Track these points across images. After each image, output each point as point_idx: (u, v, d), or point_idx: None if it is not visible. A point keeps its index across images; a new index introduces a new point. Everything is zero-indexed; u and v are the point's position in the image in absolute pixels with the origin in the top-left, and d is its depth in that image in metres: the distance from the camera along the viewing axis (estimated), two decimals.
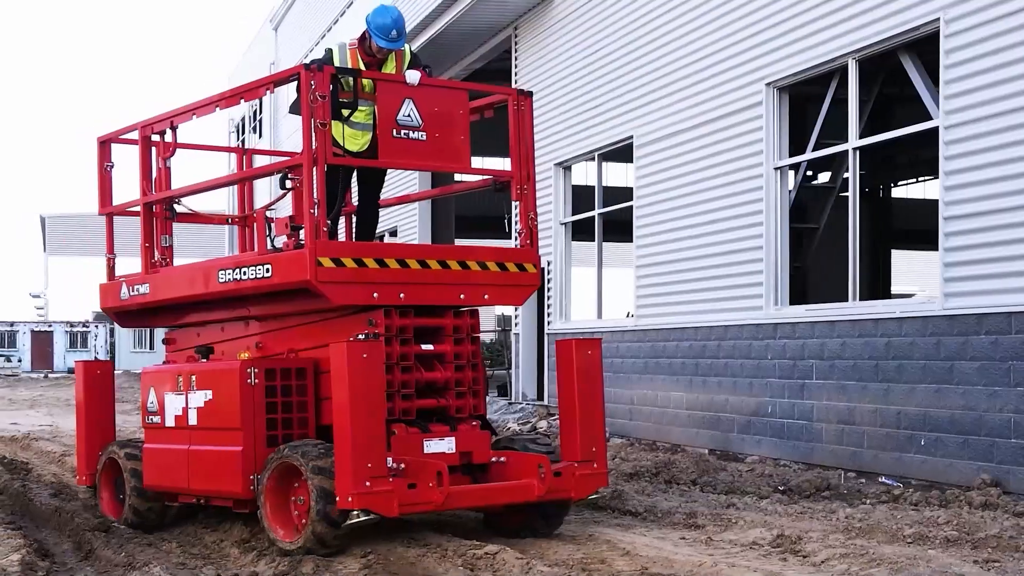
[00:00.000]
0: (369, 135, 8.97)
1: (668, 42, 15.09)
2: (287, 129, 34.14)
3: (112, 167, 10.33)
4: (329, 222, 8.45)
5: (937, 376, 10.55)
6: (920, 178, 27.26)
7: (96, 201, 10.45)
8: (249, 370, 8.40)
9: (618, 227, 17.82)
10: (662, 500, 10.19)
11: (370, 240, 9.56)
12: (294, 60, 31.15)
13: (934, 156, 10.83)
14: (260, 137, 38.45)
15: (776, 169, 13.03)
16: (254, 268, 8.52)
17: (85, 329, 64.81)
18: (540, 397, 19.23)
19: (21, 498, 10.25)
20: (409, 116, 8.51)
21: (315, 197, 7.97)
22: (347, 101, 8.61)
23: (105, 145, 10.28)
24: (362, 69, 8.83)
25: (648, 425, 15.47)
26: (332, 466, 7.65)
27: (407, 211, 25.35)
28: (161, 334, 11.60)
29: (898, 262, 28.27)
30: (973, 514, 8.78)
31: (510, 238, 20.24)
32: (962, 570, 6.79)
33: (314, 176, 7.98)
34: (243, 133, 41.90)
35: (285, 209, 9.12)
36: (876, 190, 25.89)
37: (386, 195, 10.58)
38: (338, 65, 8.81)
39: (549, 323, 18.79)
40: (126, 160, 10.31)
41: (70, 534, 8.84)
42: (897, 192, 28.01)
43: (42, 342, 62.83)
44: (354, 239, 9.70)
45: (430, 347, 8.53)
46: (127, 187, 10.33)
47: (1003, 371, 9.89)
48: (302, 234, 8.17)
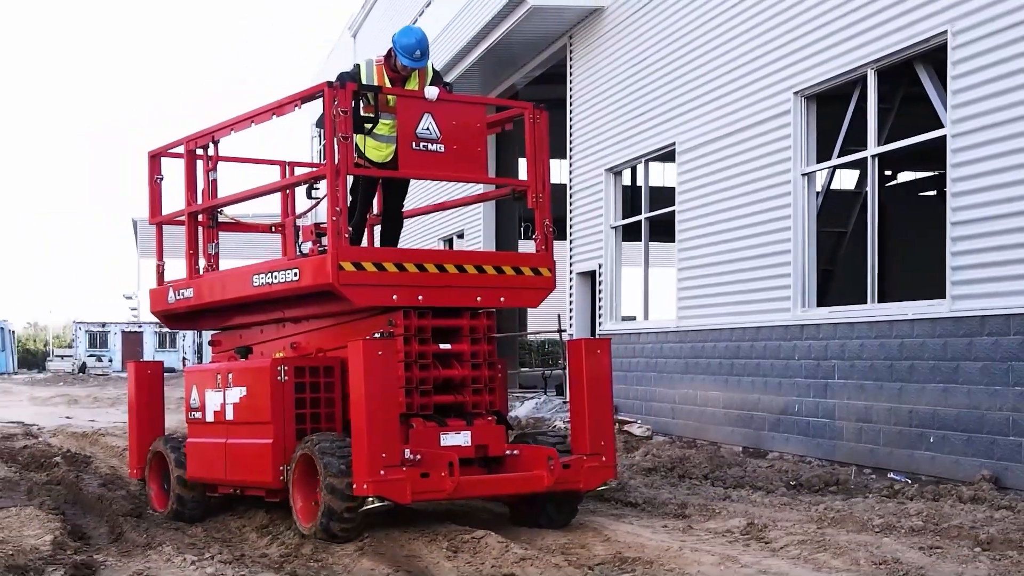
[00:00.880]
0: (392, 147, 9.47)
1: (706, 52, 15.55)
2: None
3: (162, 179, 10.94)
4: (351, 228, 9.02)
5: (944, 376, 10.90)
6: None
7: (148, 211, 11.12)
8: (279, 368, 8.97)
9: (661, 227, 18.20)
10: (665, 493, 10.61)
11: (394, 246, 10.09)
12: None
13: None
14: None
15: (803, 175, 13.43)
16: (283, 272, 9.16)
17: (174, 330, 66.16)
18: None
19: (73, 487, 11.01)
20: (428, 129, 9.04)
21: (337, 206, 8.56)
22: (369, 116, 9.16)
23: (155, 159, 10.93)
24: (382, 86, 9.38)
25: (688, 423, 15.91)
26: (341, 457, 8.20)
27: (472, 215, 26.02)
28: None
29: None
30: (955, 507, 9.11)
31: (565, 238, 20.83)
32: (904, 555, 7.16)
33: (336, 186, 8.57)
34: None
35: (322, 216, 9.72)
36: (939, 191, 25.84)
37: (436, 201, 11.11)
38: (364, 79, 9.40)
39: (600, 324, 19.29)
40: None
41: (107, 519, 9.50)
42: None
43: (132, 342, 63.94)
44: (378, 245, 10.28)
45: (448, 346, 9.04)
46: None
47: (1003, 371, 10.23)
48: (325, 240, 8.78)
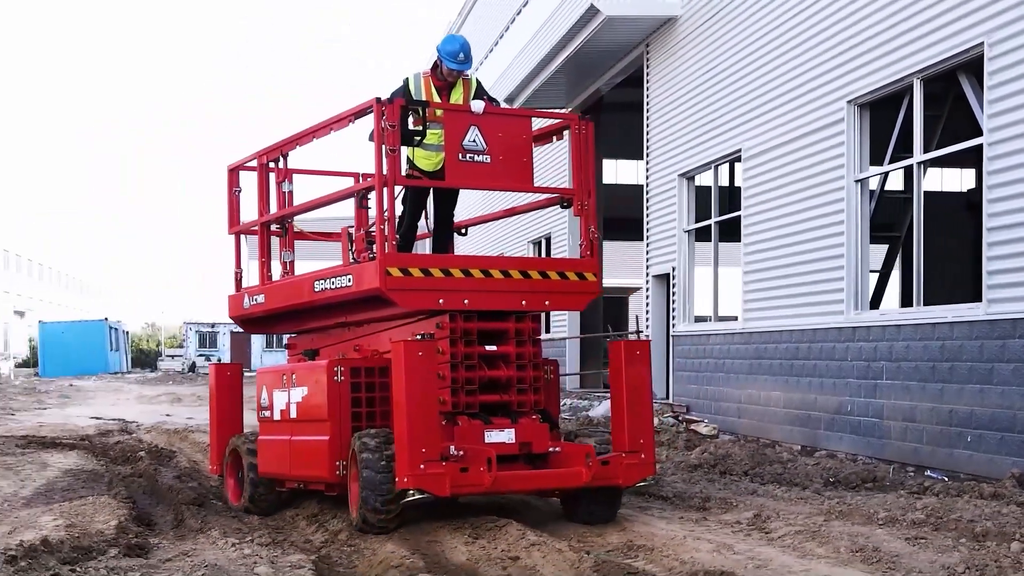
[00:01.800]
0: (442, 155, 9.90)
1: (768, 62, 15.96)
2: None
3: (240, 192, 11.54)
4: (400, 236, 9.64)
5: (981, 377, 11.20)
6: None
7: (227, 221, 11.76)
8: (336, 368, 9.57)
9: (728, 228, 18.54)
10: (697, 488, 11.00)
11: (445, 252, 10.57)
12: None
13: None
14: None
15: (856, 181, 13.78)
16: (339, 279, 9.78)
17: None
18: (667, 396, 20.17)
19: (151, 479, 11.82)
20: (474, 141, 9.56)
21: (385, 215, 9.12)
22: (417, 129, 9.69)
23: (234, 172, 11.58)
24: (430, 101, 9.93)
25: (753, 423, 16.31)
26: (381, 452, 8.72)
27: (558, 219, 26.60)
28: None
29: None
30: (968, 503, 9.38)
31: (642, 239, 21.32)
32: (887, 544, 7.54)
33: (384, 196, 9.14)
34: None
35: None
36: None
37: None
38: (413, 91, 9.99)
39: (674, 325, 19.75)
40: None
41: (172, 508, 10.22)
42: None
43: (240, 342, 65.36)
44: (431, 251, 10.77)
45: (493, 348, 9.51)
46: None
47: None
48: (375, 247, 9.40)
